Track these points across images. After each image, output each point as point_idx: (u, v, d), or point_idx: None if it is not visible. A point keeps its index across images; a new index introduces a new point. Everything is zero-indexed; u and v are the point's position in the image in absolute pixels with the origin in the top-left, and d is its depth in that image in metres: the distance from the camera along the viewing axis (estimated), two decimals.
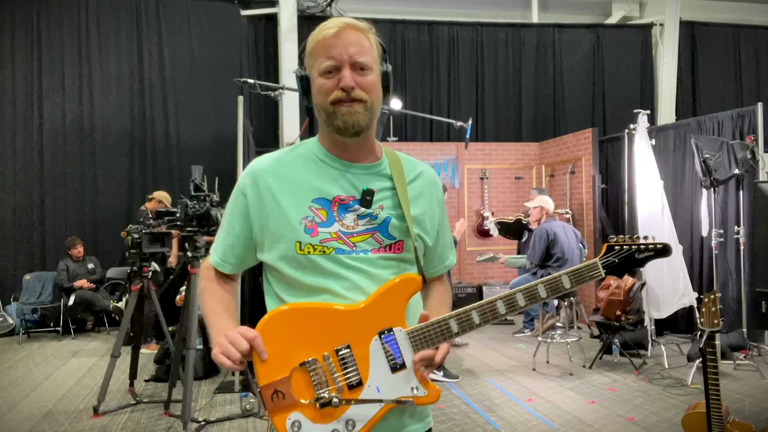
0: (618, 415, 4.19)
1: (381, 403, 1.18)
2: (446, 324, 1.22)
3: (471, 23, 9.63)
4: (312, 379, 1.17)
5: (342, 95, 1.20)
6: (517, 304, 1.23)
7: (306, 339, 1.18)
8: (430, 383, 1.21)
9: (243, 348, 1.14)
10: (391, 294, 1.23)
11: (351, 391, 1.18)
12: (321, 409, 1.15)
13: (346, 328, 1.20)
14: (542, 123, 9.75)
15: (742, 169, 5.66)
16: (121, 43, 8.33)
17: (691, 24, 10.01)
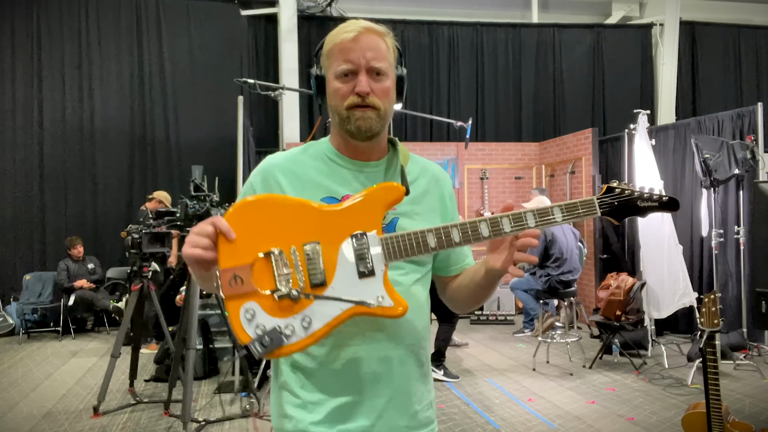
0: (618, 415, 4.20)
1: (341, 303, 1.12)
2: (423, 236, 1.16)
3: (471, 23, 9.63)
4: (274, 271, 1.12)
5: (357, 100, 1.22)
6: (501, 228, 1.16)
7: (275, 230, 1.14)
8: (398, 296, 1.15)
9: (207, 231, 1.11)
10: (371, 199, 1.19)
11: (313, 289, 1.13)
12: (278, 301, 1.11)
13: (319, 226, 1.16)
14: (542, 123, 9.76)
15: (742, 169, 5.67)
16: (121, 43, 8.34)
17: (691, 24, 10.01)
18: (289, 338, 1.11)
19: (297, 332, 1.11)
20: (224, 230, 1.11)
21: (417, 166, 1.38)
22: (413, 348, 1.30)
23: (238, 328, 1.11)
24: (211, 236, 1.11)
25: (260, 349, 1.09)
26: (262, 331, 1.10)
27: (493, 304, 7.80)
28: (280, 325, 1.10)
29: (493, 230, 1.17)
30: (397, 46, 1.31)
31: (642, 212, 1.23)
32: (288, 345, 1.11)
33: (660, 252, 5.61)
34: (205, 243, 1.11)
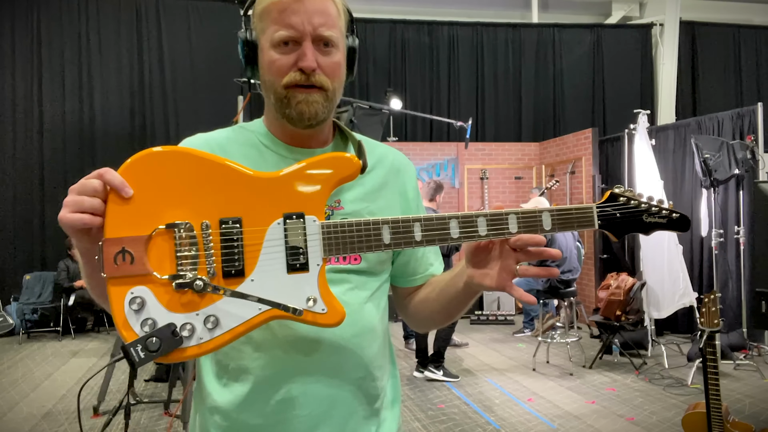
0: (618, 415, 4.20)
1: (260, 305, 0.88)
2: (377, 228, 0.92)
3: (471, 23, 9.63)
4: (177, 250, 0.87)
5: (299, 78, 0.98)
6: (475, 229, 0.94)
7: (185, 196, 0.89)
8: (335, 301, 0.92)
9: (93, 186, 0.85)
10: (315, 171, 0.94)
11: (226, 280, 0.89)
12: (177, 291, 0.86)
13: (243, 198, 0.91)
14: (542, 123, 9.76)
15: (742, 169, 5.67)
16: (121, 43, 8.34)
17: (691, 24, 10.01)
18: (185, 341, 0.86)
19: (198, 334, 0.87)
20: (116, 185, 0.85)
21: (373, 153, 1.12)
22: (361, 383, 1.06)
23: (121, 321, 0.85)
24: (98, 193, 0.85)
25: (142, 355, 0.83)
26: (150, 329, 0.85)
27: (493, 304, 7.80)
28: (175, 323, 0.86)
29: (464, 231, 0.94)
30: (348, 9, 1.08)
31: (646, 229, 1.00)
32: (184, 349, 0.86)
33: (660, 252, 5.61)
34: (92, 204, 0.84)
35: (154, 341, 0.83)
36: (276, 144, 1.08)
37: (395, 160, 1.17)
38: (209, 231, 0.89)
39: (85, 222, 0.84)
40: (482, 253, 0.99)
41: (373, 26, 9.32)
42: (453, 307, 1.10)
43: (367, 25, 9.23)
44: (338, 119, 1.15)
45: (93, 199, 0.85)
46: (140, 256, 0.86)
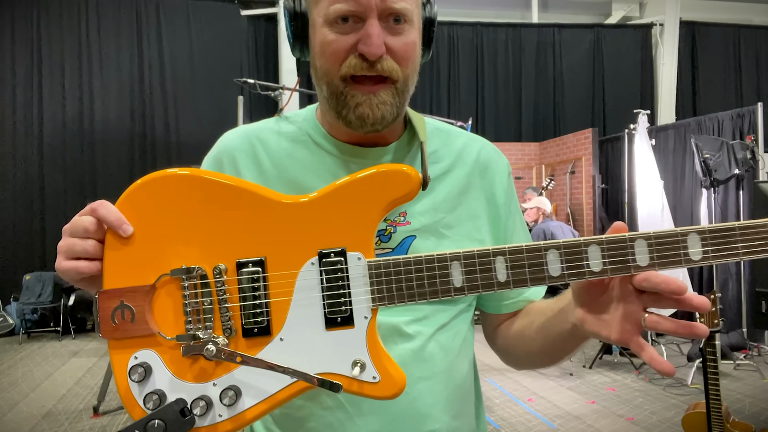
0: (618, 415, 4.19)
1: (291, 376, 0.69)
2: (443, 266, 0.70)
3: (471, 23, 9.63)
4: (185, 303, 0.71)
5: (362, 67, 0.77)
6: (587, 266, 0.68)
7: (196, 233, 0.72)
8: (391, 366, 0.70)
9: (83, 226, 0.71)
10: (360, 191, 0.73)
11: (248, 340, 0.71)
12: (187, 357, 0.70)
13: (268, 232, 0.73)
14: (542, 123, 9.76)
15: (742, 169, 5.67)
16: (121, 43, 8.34)
17: (691, 24, 10.01)
18: (199, 420, 0.69)
19: (214, 410, 0.70)
20: (112, 222, 0.70)
21: (449, 147, 0.91)
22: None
23: (124, 394, 0.71)
24: (90, 233, 0.71)
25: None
26: (155, 405, 0.69)
27: None
28: (186, 399, 0.69)
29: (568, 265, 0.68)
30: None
31: None
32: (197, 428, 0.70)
33: None
34: (84, 248, 0.71)
35: (156, 425, 0.65)
36: (330, 142, 0.87)
37: (481, 155, 0.92)
38: (224, 278, 0.72)
39: (80, 271, 0.71)
40: (595, 291, 0.72)
41: None
42: (556, 350, 0.85)
43: None
44: None
45: (85, 242, 0.71)
46: (142, 311, 0.71)
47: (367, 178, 0.73)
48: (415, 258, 0.70)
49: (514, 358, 0.97)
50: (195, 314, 0.72)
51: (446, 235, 0.85)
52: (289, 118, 0.92)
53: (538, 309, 0.91)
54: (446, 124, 0.98)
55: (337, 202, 0.73)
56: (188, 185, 0.74)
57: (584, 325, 0.73)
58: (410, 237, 0.85)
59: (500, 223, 0.92)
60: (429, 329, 0.85)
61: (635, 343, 0.69)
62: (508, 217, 0.93)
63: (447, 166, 0.89)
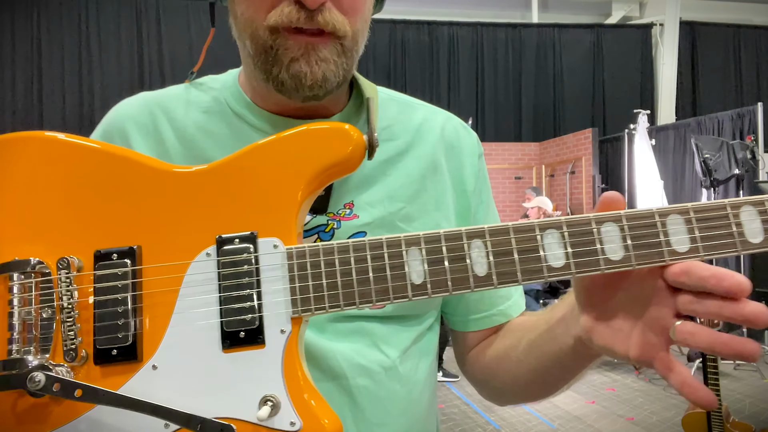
0: (618, 415, 4.19)
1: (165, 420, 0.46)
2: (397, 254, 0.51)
3: (471, 23, 9.63)
4: (12, 311, 0.49)
5: (298, 18, 0.59)
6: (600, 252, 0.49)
7: (42, 216, 0.52)
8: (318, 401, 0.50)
9: None
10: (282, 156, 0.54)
11: (103, 368, 0.49)
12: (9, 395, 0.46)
13: (148, 214, 0.52)
14: (542, 123, 9.76)
15: (742, 169, 5.67)
16: (121, 42, 8.34)
17: (691, 24, 10.01)
18: None
19: None
20: None
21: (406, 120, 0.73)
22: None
23: None
24: None
25: None
26: None
27: None
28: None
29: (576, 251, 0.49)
30: None
31: None
32: None
33: None
34: None
35: None
36: (255, 112, 0.69)
37: (446, 131, 0.74)
38: (72, 274, 0.49)
39: None
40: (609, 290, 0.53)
41: (373, 26, 9.09)
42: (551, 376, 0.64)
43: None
44: None
45: None
46: None
47: (291, 138, 0.54)
48: (356, 243, 0.51)
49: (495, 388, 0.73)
50: (24, 329, 0.48)
51: (404, 229, 0.66)
52: (203, 84, 0.75)
53: (526, 324, 0.71)
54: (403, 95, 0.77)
55: (248, 171, 0.53)
56: (39, 149, 0.52)
57: (592, 337, 0.53)
58: (359, 233, 0.65)
59: (470, 214, 0.75)
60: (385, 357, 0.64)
61: (661, 363, 0.49)
62: (478, 206, 0.76)
63: (404, 145, 0.70)
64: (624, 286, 0.52)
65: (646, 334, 0.50)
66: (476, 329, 0.75)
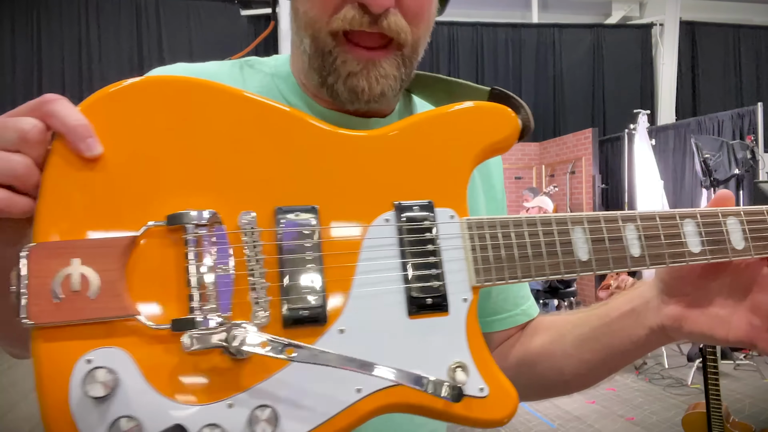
0: (618, 415, 4.19)
1: (360, 381, 0.46)
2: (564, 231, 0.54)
3: (471, 23, 9.63)
4: (189, 269, 0.45)
5: (361, 22, 0.58)
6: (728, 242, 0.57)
7: (210, 167, 0.48)
8: (497, 374, 0.51)
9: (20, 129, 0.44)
10: (452, 129, 0.55)
11: (288, 331, 0.46)
12: (192, 356, 0.44)
13: (320, 174, 0.51)
14: (542, 123, 9.74)
15: (742, 169, 5.67)
16: (121, 43, 8.34)
17: (691, 24, 10.01)
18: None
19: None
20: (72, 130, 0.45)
21: None
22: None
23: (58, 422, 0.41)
24: (28, 144, 0.44)
25: None
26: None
27: None
28: (186, 427, 0.42)
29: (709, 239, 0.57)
30: None
31: None
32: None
33: None
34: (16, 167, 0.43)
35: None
36: (309, 106, 0.67)
37: None
38: (255, 230, 0.47)
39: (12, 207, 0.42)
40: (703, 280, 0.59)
41: None
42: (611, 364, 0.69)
43: None
44: None
45: (13, 157, 0.43)
46: (112, 280, 0.43)
47: (462, 113, 0.55)
48: (528, 219, 0.53)
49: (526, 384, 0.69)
50: (204, 288, 0.45)
51: None
52: (254, 66, 0.72)
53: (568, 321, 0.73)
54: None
55: (420, 140, 0.53)
56: (202, 97, 0.50)
57: (683, 324, 0.58)
58: None
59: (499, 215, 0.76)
60: None
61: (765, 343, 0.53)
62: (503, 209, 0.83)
63: None
64: (721, 275, 0.58)
65: (749, 318, 0.55)
66: (501, 329, 0.77)
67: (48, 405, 0.42)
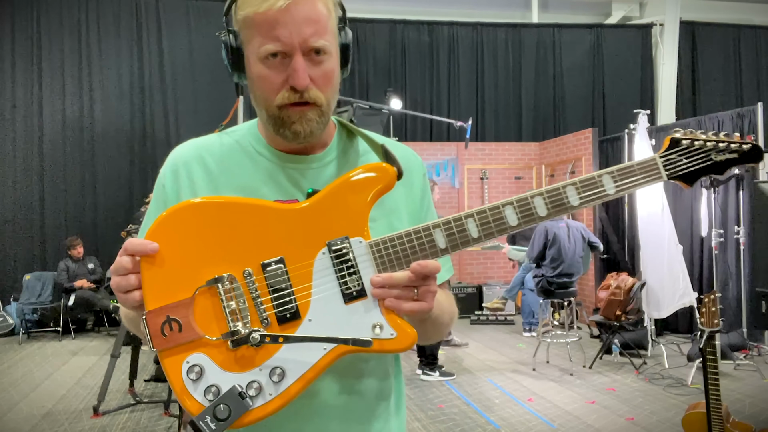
0: (618, 415, 4.19)
1: (326, 344, 0.83)
2: (429, 234, 0.87)
3: (471, 23, 9.63)
4: (224, 307, 0.83)
5: (293, 98, 0.91)
6: (534, 210, 0.87)
7: (220, 247, 0.85)
8: (402, 323, 0.85)
9: (122, 265, 0.84)
10: (349, 190, 0.88)
11: (282, 326, 0.84)
12: (234, 350, 0.82)
13: (280, 235, 0.86)
14: (542, 123, 9.75)
15: (742, 169, 5.67)
16: (121, 43, 8.34)
17: (691, 24, 10.01)
18: (254, 400, 0.81)
19: (265, 389, 0.82)
20: (139, 249, 0.83)
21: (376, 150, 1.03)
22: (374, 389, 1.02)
23: (182, 394, 0.82)
24: (130, 269, 0.84)
25: (213, 426, 0.79)
26: (214, 396, 0.81)
27: None
28: (240, 384, 0.81)
29: (522, 215, 0.88)
30: (340, 2, 0.98)
31: (720, 169, 0.91)
32: (254, 410, 0.82)
33: (660, 252, 5.61)
34: (129, 283, 0.84)
35: (222, 408, 0.79)
36: (270, 151, 1.01)
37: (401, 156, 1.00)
38: (253, 278, 0.85)
39: (133, 300, 0.84)
40: None
41: (373, 26, 9.32)
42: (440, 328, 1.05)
43: (367, 25, 9.23)
44: None
45: (128, 277, 0.84)
46: (187, 321, 0.82)
47: (352, 176, 0.89)
48: (405, 232, 0.87)
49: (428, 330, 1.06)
50: (234, 314, 0.84)
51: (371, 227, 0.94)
52: (231, 133, 1.06)
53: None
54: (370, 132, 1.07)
55: (333, 201, 0.88)
56: (203, 210, 0.87)
57: None
58: None
59: (419, 215, 1.06)
60: None
61: None
62: (423, 210, 1.08)
63: None
64: None
65: None
66: None
67: (175, 388, 0.82)
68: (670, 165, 0.88)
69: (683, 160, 0.88)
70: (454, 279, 8.33)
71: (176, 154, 1.06)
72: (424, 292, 0.85)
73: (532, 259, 5.82)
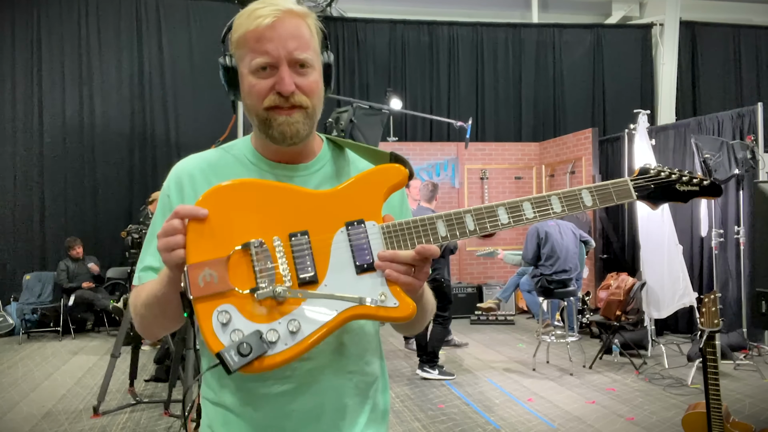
0: (618, 415, 4.19)
1: (337, 303, 0.96)
2: (432, 224, 1.01)
3: (471, 23, 9.63)
4: (254, 266, 0.97)
5: (279, 101, 1.04)
6: (523, 214, 1.03)
7: (256, 218, 1.00)
8: (403, 295, 0.99)
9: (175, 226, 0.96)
10: (367, 183, 1.05)
11: (302, 287, 0.97)
12: (260, 302, 0.95)
13: (306, 213, 1.01)
14: (542, 123, 9.76)
15: (742, 169, 5.66)
16: (121, 43, 8.34)
17: (691, 24, 10.01)
18: (273, 347, 0.93)
19: (283, 339, 0.94)
20: (190, 212, 0.96)
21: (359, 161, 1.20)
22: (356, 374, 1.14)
23: (209, 334, 0.94)
24: (179, 230, 0.96)
25: (236, 359, 0.91)
26: (239, 338, 0.92)
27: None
28: (261, 330, 0.94)
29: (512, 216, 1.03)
30: (322, 28, 1.12)
31: (684, 198, 1.09)
32: (271, 355, 0.93)
33: (660, 252, 5.61)
34: (176, 241, 0.95)
35: (245, 346, 0.91)
36: (265, 162, 1.14)
37: None
38: (281, 245, 0.99)
39: (180, 257, 0.95)
40: None
41: (373, 26, 9.32)
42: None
43: (367, 25, 9.23)
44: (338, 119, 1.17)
45: (176, 237, 0.95)
46: (222, 275, 0.95)
47: (372, 173, 1.06)
48: (413, 220, 1.02)
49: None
50: (261, 272, 0.96)
51: None
52: (227, 147, 1.19)
53: None
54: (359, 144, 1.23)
55: (354, 190, 1.04)
56: (245, 188, 1.02)
57: None
58: None
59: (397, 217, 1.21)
60: None
61: None
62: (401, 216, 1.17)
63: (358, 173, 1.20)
64: None
65: None
66: None
67: (205, 332, 0.93)
68: (638, 187, 1.07)
69: (651, 185, 1.08)
70: (454, 279, 8.33)
71: (180, 167, 1.16)
72: (419, 271, 1.00)
73: (528, 260, 5.82)
